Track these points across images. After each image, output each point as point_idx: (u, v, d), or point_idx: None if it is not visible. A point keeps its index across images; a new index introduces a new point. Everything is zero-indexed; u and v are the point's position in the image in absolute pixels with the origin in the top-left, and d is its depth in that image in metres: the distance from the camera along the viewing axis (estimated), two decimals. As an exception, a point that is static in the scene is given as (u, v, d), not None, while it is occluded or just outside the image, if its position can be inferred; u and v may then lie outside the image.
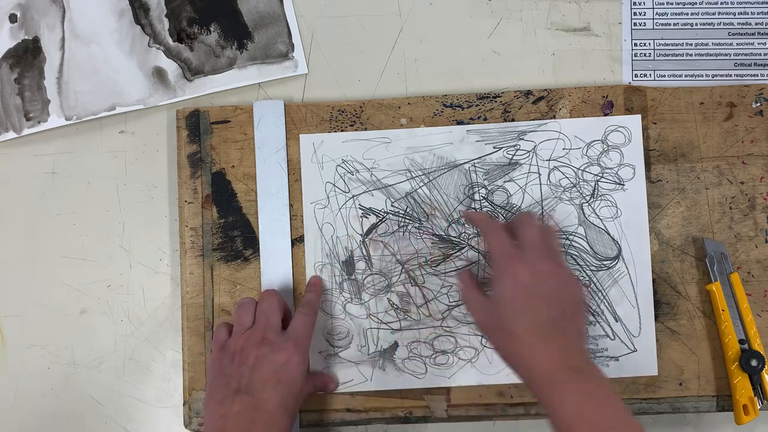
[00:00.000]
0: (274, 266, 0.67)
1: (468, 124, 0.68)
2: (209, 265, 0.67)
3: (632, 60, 0.71)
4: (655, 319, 0.66)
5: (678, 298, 0.67)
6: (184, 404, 0.66)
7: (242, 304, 0.63)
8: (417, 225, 0.67)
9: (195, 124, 0.68)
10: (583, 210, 0.67)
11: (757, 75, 0.70)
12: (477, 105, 0.68)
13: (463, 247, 0.67)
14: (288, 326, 0.62)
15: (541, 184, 0.67)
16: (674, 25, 0.71)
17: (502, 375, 0.66)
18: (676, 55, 0.70)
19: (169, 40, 0.70)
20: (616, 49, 0.71)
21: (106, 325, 0.69)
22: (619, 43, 0.71)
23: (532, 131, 0.68)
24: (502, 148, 0.68)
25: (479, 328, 0.61)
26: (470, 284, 0.62)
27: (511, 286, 0.57)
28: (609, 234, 0.67)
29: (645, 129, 0.68)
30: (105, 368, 0.69)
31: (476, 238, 0.67)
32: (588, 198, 0.67)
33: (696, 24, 0.71)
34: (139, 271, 0.69)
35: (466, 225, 0.67)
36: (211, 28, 0.71)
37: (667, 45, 0.71)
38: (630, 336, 0.66)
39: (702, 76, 0.70)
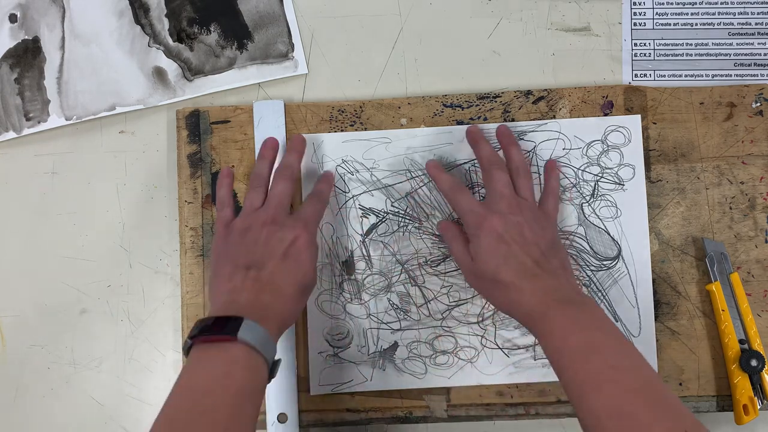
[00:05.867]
0: (274, 266, 0.67)
1: (468, 124, 0.68)
2: (209, 266, 0.67)
3: (632, 60, 0.71)
4: (655, 319, 0.66)
5: (678, 298, 0.67)
6: (184, 404, 0.66)
7: (255, 187, 0.62)
8: (417, 225, 0.67)
9: (195, 124, 0.68)
10: (583, 210, 0.67)
11: (757, 75, 0.70)
12: (477, 105, 0.68)
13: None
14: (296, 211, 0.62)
15: (541, 184, 0.67)
16: (674, 25, 0.71)
17: (503, 375, 0.66)
18: (676, 55, 0.70)
19: (169, 40, 0.70)
20: (616, 49, 0.71)
21: (106, 325, 0.69)
22: (619, 43, 0.71)
23: (532, 131, 0.68)
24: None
25: (470, 285, 0.62)
26: (456, 237, 0.62)
27: (487, 239, 0.58)
28: (609, 234, 0.67)
29: (645, 129, 0.68)
30: (105, 368, 0.69)
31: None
32: (588, 198, 0.67)
33: (696, 24, 0.71)
34: (139, 271, 0.69)
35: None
36: (211, 28, 0.71)
37: (667, 45, 0.71)
38: (630, 336, 0.66)
39: (702, 76, 0.70)
